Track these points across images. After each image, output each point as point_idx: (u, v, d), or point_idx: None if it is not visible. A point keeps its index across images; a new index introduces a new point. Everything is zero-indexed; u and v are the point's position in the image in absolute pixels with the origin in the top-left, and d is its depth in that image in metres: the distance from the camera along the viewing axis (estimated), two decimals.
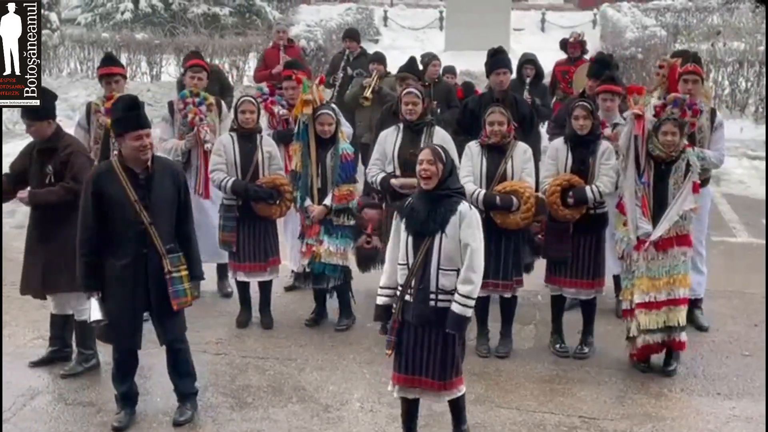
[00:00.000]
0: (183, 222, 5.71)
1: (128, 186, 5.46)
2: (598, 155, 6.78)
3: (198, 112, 7.92)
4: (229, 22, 23.74)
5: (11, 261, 9.06)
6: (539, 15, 26.98)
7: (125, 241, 5.48)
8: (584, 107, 6.78)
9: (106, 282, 5.52)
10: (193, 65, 8.28)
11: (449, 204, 5.13)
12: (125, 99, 5.68)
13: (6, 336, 7.23)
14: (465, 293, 5.10)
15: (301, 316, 7.67)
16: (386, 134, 7.17)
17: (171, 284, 5.55)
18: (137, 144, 5.42)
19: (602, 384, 6.52)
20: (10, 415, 5.93)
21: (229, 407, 6.10)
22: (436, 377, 5.25)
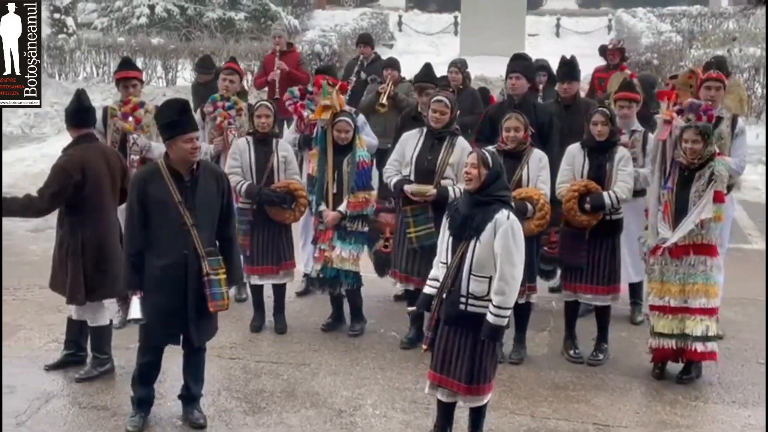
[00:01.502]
0: (225, 225, 5.76)
1: (173, 188, 5.51)
2: (615, 161, 6.76)
3: (227, 116, 8.00)
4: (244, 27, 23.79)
5: (28, 265, 9.14)
6: (554, 20, 26.93)
7: (167, 242, 5.53)
8: (603, 113, 6.77)
9: (146, 282, 5.58)
10: (226, 68, 8.40)
11: (488, 210, 5.15)
12: (175, 103, 5.69)
13: (21, 339, 7.27)
14: (498, 303, 5.12)
15: (314, 321, 7.67)
16: (408, 136, 7.16)
17: (209, 286, 5.58)
18: (188, 146, 5.48)
19: (617, 391, 6.50)
20: (25, 419, 5.96)
21: (243, 412, 6.11)
22: (463, 380, 5.27)
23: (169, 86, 17.97)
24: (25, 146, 14.95)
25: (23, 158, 14.02)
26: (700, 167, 6.34)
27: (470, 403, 5.39)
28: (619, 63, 10.78)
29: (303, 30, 23.93)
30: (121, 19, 23.91)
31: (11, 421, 5.90)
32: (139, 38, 20.45)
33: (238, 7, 24.70)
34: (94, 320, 6.50)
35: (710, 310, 6.45)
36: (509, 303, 5.17)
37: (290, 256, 7.52)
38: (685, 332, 6.43)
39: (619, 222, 6.88)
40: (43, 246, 9.46)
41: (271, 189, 7.25)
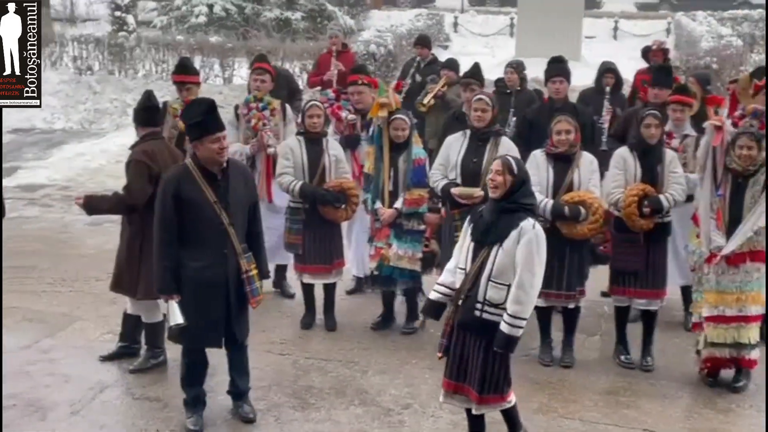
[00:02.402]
0: (253, 221, 5.78)
1: (207, 188, 5.52)
2: (666, 164, 6.69)
3: (261, 117, 7.99)
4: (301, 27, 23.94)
5: (85, 257, 9.33)
6: (612, 23, 26.66)
7: (205, 242, 5.53)
8: (656, 116, 6.70)
9: (183, 285, 5.56)
10: (257, 68, 8.36)
11: (512, 218, 5.08)
12: (201, 103, 5.71)
13: (77, 330, 7.42)
14: (513, 312, 5.02)
15: (364, 320, 7.70)
16: (452, 140, 7.15)
17: (249, 283, 5.63)
18: (216, 146, 5.47)
19: (668, 397, 6.42)
20: (79, 408, 6.07)
21: (292, 407, 6.15)
22: (475, 388, 5.20)
23: (226, 84, 18.15)
24: (84, 141, 15.22)
25: (82, 153, 14.28)
26: (754, 173, 6.24)
27: (479, 411, 5.30)
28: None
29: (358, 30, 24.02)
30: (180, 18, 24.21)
31: (66, 409, 6.03)
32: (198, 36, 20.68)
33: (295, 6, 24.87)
34: (148, 317, 6.59)
35: (761, 317, 6.39)
36: (525, 313, 5.06)
37: (341, 254, 7.57)
38: (739, 341, 6.34)
39: (669, 225, 6.82)
40: (100, 239, 9.66)
41: (325, 188, 7.30)
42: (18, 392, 6.22)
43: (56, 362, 6.75)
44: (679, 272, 7.32)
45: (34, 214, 10.93)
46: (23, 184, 12.33)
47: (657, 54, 10.72)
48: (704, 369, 6.59)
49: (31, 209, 11.18)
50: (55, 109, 16.90)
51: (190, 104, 5.83)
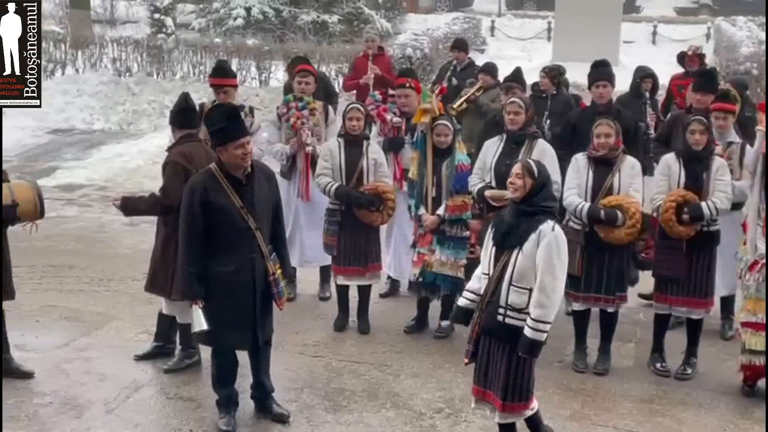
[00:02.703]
0: (276, 223, 5.81)
1: (233, 193, 5.54)
2: (713, 171, 6.61)
3: (300, 116, 8.02)
4: (337, 30, 24.02)
5: (121, 257, 9.42)
6: (650, 27, 26.44)
7: (233, 247, 5.55)
8: (701, 122, 6.62)
9: (211, 290, 5.58)
10: (301, 70, 8.38)
11: (532, 221, 5.05)
12: (224, 109, 5.73)
13: (113, 329, 7.49)
14: (536, 317, 4.99)
15: (397, 323, 7.69)
16: (489, 144, 7.15)
17: (276, 285, 5.66)
18: (240, 152, 5.48)
19: (704, 407, 6.35)
20: (114, 406, 6.13)
21: (324, 409, 6.17)
22: (498, 393, 5.17)
23: (262, 87, 18.25)
24: (122, 142, 15.37)
25: (120, 154, 14.42)
26: None
27: (503, 419, 5.24)
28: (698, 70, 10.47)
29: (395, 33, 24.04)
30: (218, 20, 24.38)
31: (101, 408, 6.09)
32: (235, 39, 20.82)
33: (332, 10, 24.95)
34: (182, 317, 6.63)
35: None
36: (549, 317, 5.00)
37: (377, 257, 7.56)
38: None
39: (716, 233, 6.72)
40: (137, 239, 9.74)
41: (360, 191, 7.30)
42: (54, 390, 6.30)
43: (92, 361, 6.82)
44: (722, 282, 7.23)
45: (73, 214, 11.06)
46: (62, 184, 12.47)
47: (693, 59, 10.62)
48: (745, 377, 6.50)
49: (70, 209, 11.31)
50: (94, 110, 17.10)
51: (213, 110, 5.83)
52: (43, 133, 15.80)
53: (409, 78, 8.18)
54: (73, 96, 17.40)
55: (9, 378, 6.32)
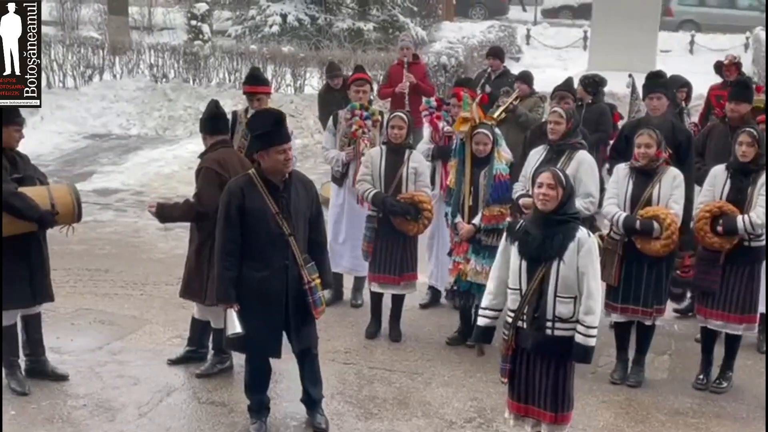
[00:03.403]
0: (316, 231, 5.80)
1: (269, 198, 5.57)
2: (758, 185, 6.48)
3: (362, 125, 8.07)
4: (373, 38, 24.05)
5: (156, 261, 9.49)
6: (688, 37, 26.20)
7: (266, 253, 5.57)
8: (750, 134, 6.52)
9: (243, 295, 5.61)
10: (357, 79, 8.43)
11: (567, 230, 5.03)
12: (268, 114, 5.77)
13: (147, 333, 7.55)
14: (589, 323, 5.00)
15: (428, 331, 7.68)
16: (534, 153, 7.16)
17: (311, 294, 5.64)
18: (282, 157, 5.52)
19: (739, 420, 6.27)
20: (147, 410, 6.17)
21: (355, 417, 6.16)
22: (549, 408, 5.15)
23: (297, 94, 18.30)
24: (158, 147, 15.49)
25: (156, 159, 14.53)
26: None
27: (558, 430, 5.23)
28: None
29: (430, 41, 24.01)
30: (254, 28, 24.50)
31: (134, 411, 6.14)
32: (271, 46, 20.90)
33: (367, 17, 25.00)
34: (216, 322, 6.66)
35: None
36: (597, 322, 5.06)
37: (413, 267, 7.53)
38: None
39: (759, 249, 6.58)
40: (171, 244, 9.82)
41: (396, 199, 7.30)
42: (88, 393, 6.36)
43: (125, 364, 6.88)
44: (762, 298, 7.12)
45: (108, 218, 11.16)
46: (98, 189, 12.60)
47: (730, 68, 10.50)
48: None
49: (105, 213, 11.42)
50: (131, 115, 17.25)
51: (257, 115, 5.88)
52: (81, 138, 15.96)
53: (466, 88, 8.18)
54: (110, 101, 17.57)
55: (44, 380, 6.41)
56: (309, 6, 24.73)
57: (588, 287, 5.00)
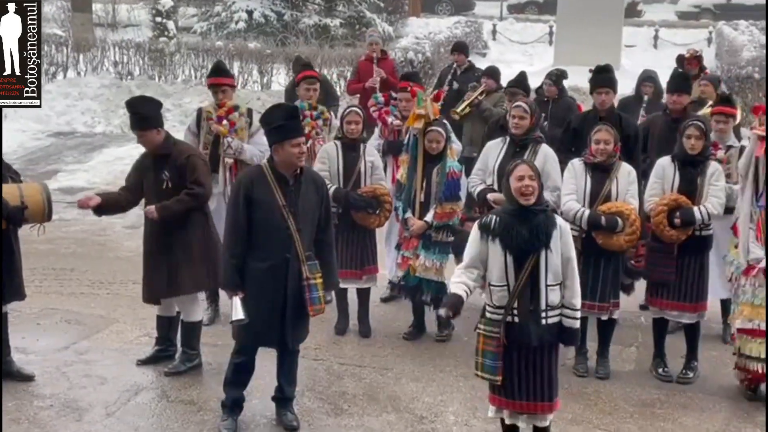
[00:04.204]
0: (324, 231, 5.81)
1: (278, 191, 5.58)
2: (707, 176, 6.60)
3: (315, 126, 8.03)
4: (339, 33, 24.03)
5: (122, 260, 9.41)
6: (652, 32, 26.42)
7: (269, 245, 5.59)
8: (698, 126, 6.61)
9: (246, 284, 5.64)
10: (306, 77, 8.38)
11: (548, 219, 5.08)
12: (282, 108, 5.80)
13: (114, 332, 7.49)
14: (575, 306, 5.13)
15: (398, 326, 7.69)
16: (491, 145, 7.17)
17: (309, 291, 5.65)
18: (296, 151, 5.54)
19: (706, 411, 6.34)
20: (114, 409, 6.12)
21: (325, 413, 6.16)
22: (546, 398, 5.16)
23: (264, 90, 18.24)
24: (124, 145, 15.34)
25: (122, 157, 14.39)
26: None
27: (545, 421, 5.25)
28: (698, 73, 10.45)
29: (397, 37, 24.04)
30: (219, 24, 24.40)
31: (101, 411, 6.08)
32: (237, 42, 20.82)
33: (333, 13, 24.97)
34: (188, 315, 6.63)
35: None
36: (580, 302, 5.20)
37: (374, 260, 7.55)
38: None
39: (708, 238, 6.72)
40: (137, 242, 9.63)
41: (358, 194, 7.30)
42: (55, 393, 6.30)
43: (92, 364, 6.82)
44: (721, 285, 7.22)
45: (74, 217, 11.03)
46: (63, 187, 12.47)
47: (691, 62, 10.60)
48: (744, 381, 6.49)
49: (71, 212, 11.28)
50: (96, 113, 17.10)
51: (272, 109, 5.84)
52: (45, 136, 15.80)
53: (412, 82, 8.18)
54: (74, 99, 17.41)
55: (10, 381, 6.33)
56: (275, 2, 24.68)
57: (573, 270, 5.11)
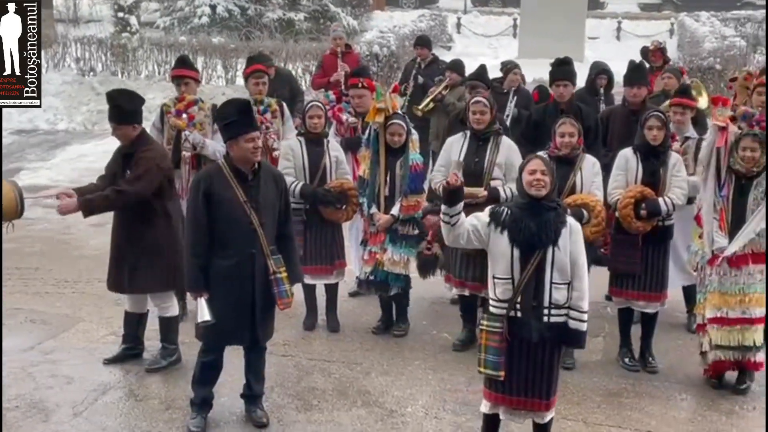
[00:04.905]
0: (284, 224, 5.78)
1: (237, 187, 5.54)
2: (669, 166, 6.67)
3: (263, 120, 7.95)
4: (304, 28, 23.96)
5: (87, 258, 9.33)
6: (615, 23, 26.65)
7: (233, 241, 5.55)
8: (659, 117, 6.67)
9: (212, 283, 5.59)
10: (255, 71, 8.27)
11: (557, 216, 5.02)
12: (234, 103, 5.74)
13: (80, 331, 7.42)
14: (582, 308, 4.99)
15: (366, 321, 7.69)
16: (452, 141, 7.17)
17: (277, 285, 5.61)
18: (250, 146, 5.50)
19: (672, 399, 6.41)
20: (82, 409, 6.07)
21: (295, 409, 6.15)
22: (544, 396, 5.12)
23: (229, 85, 18.16)
24: (87, 143, 15.24)
25: (85, 154, 14.30)
26: (758, 175, 6.22)
27: (544, 419, 5.21)
28: (662, 65, 10.56)
29: (361, 31, 24.02)
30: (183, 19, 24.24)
31: (68, 411, 6.03)
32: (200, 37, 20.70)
33: (297, 7, 24.89)
34: (164, 311, 6.59)
35: (764, 318, 6.33)
36: (587, 305, 5.06)
37: (342, 255, 7.56)
38: (744, 344, 6.31)
39: (671, 228, 6.81)
40: (103, 240, 9.59)
41: (326, 189, 7.29)
42: (21, 394, 6.23)
43: (59, 364, 6.76)
44: (681, 273, 7.31)
45: (38, 215, 10.92)
46: (26, 185, 12.19)
47: (655, 54, 10.69)
48: (707, 372, 6.58)
49: (35, 210, 11.15)
50: (58, 110, 16.93)
51: (224, 105, 5.80)
52: (7, 134, 15.60)
53: (362, 77, 8.15)
54: None
55: None
56: None
57: (581, 271, 5.02)
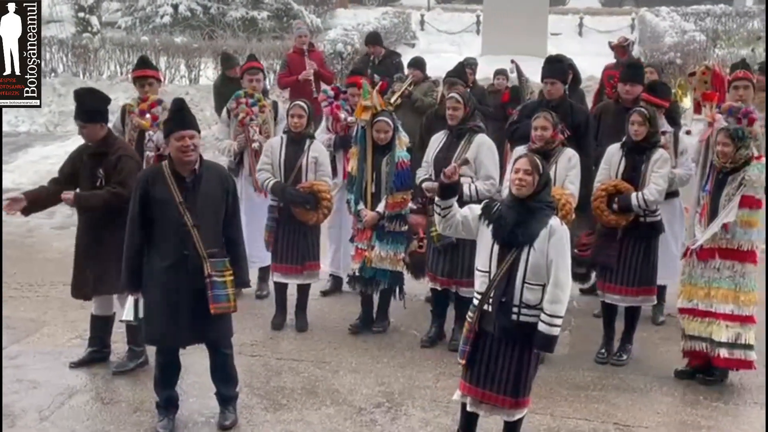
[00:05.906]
0: (229, 226, 5.70)
1: (174, 187, 5.49)
2: (651, 162, 6.71)
3: (249, 112, 8.02)
4: (267, 26, 23.88)
5: (51, 261, 9.24)
6: (577, 19, 26.83)
7: (168, 242, 5.51)
8: (641, 113, 6.71)
9: (149, 282, 5.56)
10: (250, 68, 8.42)
11: (540, 217, 5.00)
12: (173, 101, 5.73)
13: (45, 335, 7.35)
14: (552, 312, 4.94)
15: (334, 319, 7.70)
16: (435, 137, 7.22)
17: (211, 288, 5.52)
18: (179, 144, 5.45)
19: (638, 391, 6.48)
20: (48, 414, 6.02)
21: (264, 408, 6.14)
22: (509, 393, 5.13)
23: (192, 85, 18.06)
24: (49, 144, 15.08)
25: (47, 156, 14.14)
26: (735, 170, 6.25)
27: (510, 416, 5.23)
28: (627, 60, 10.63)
29: (325, 29, 23.98)
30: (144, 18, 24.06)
31: (35, 416, 5.97)
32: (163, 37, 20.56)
33: (260, 6, 24.79)
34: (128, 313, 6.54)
35: (742, 317, 6.32)
36: (562, 311, 4.99)
37: (315, 256, 7.52)
38: (711, 337, 6.39)
39: (655, 224, 6.82)
40: (66, 243, 9.51)
41: (295, 189, 7.28)
42: None
43: (24, 368, 6.69)
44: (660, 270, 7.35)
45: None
46: None
47: (618, 49, 10.79)
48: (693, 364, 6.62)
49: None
50: (20, 111, 16.72)
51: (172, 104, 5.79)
52: None
53: (362, 77, 8.19)
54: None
55: None
56: None
57: (556, 276, 4.95)
